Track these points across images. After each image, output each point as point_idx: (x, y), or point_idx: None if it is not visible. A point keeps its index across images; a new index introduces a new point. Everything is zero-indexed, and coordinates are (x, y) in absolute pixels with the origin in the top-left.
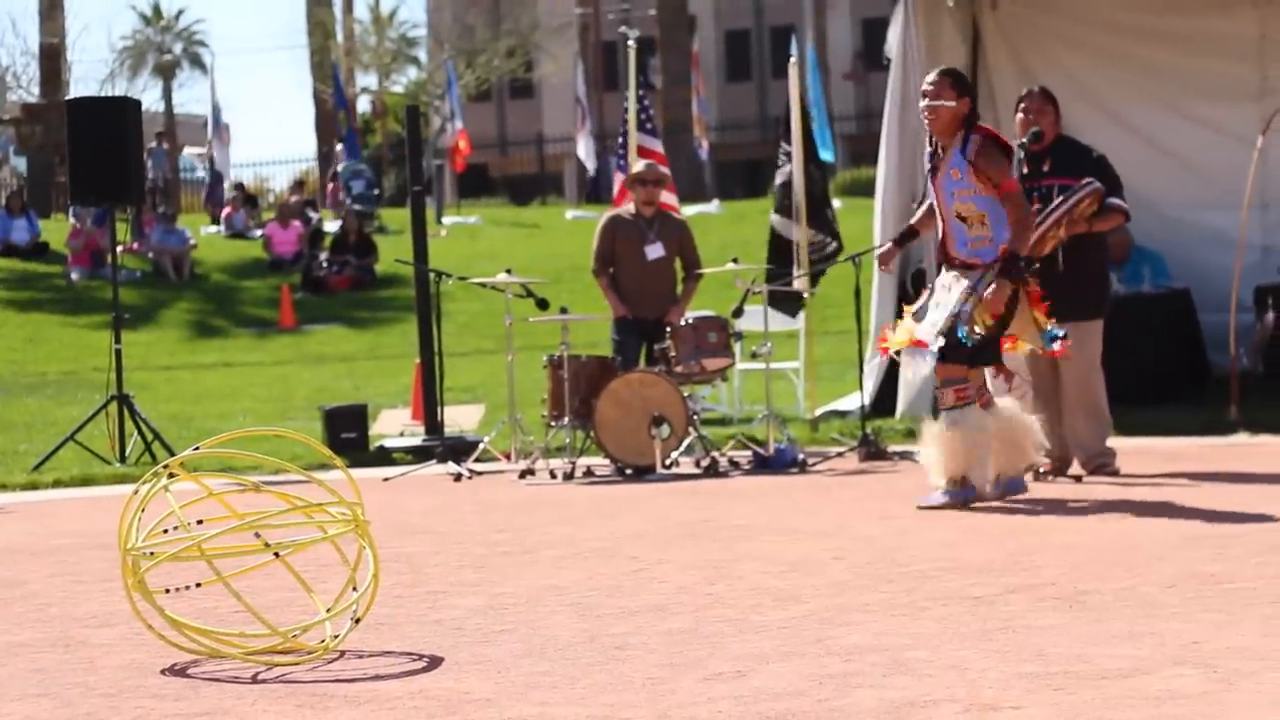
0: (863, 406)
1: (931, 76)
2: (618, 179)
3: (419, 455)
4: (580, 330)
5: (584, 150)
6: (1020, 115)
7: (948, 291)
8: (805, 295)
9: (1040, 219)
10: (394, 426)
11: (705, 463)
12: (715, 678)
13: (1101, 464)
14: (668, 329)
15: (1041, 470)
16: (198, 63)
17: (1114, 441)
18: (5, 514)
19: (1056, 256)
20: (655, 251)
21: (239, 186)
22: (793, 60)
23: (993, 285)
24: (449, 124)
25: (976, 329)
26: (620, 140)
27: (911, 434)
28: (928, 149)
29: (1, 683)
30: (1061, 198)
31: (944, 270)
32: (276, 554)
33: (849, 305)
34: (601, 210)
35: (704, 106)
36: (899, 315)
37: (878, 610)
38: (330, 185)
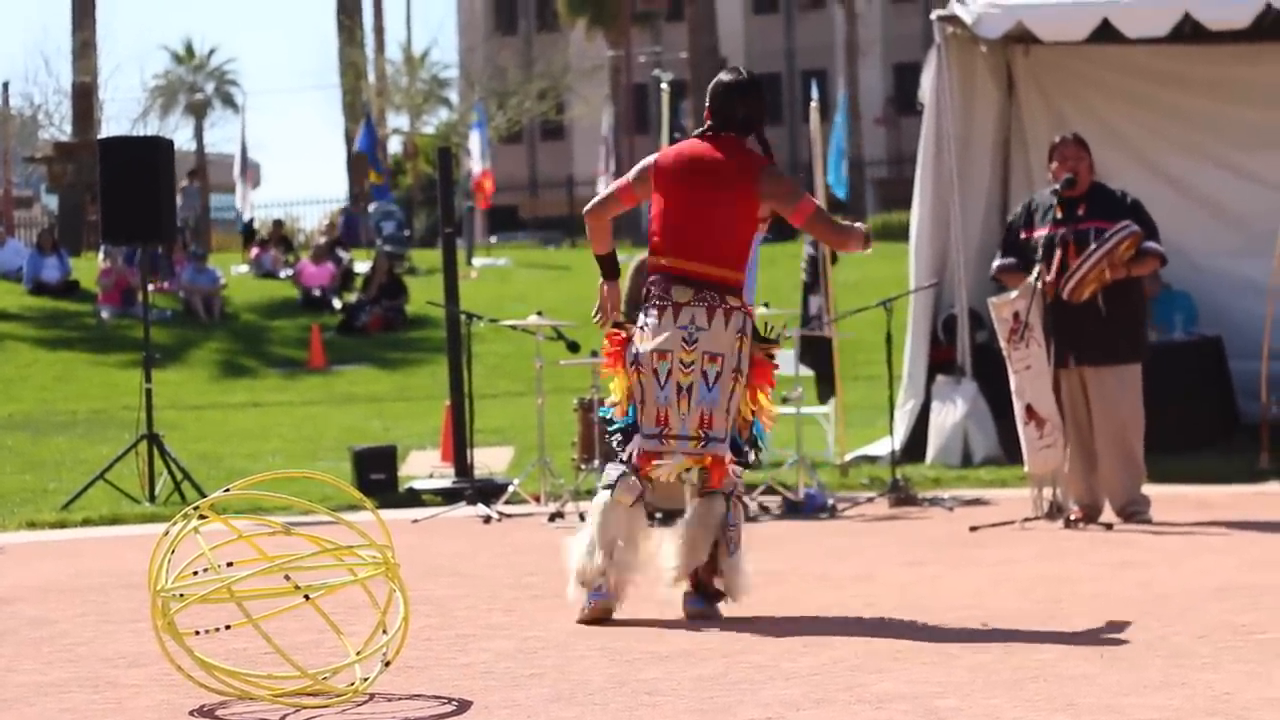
0: (893, 452)
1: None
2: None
3: (448, 497)
4: None
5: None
6: (1055, 163)
7: None
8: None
9: (1078, 264)
10: (423, 468)
11: None
12: None
13: (1135, 511)
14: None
15: (1072, 518)
16: (229, 102)
17: (1144, 489)
18: (5, 555)
19: (1096, 302)
20: None
21: (276, 224)
22: (814, 104)
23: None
24: (473, 163)
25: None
26: None
27: (939, 481)
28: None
29: None
30: (1098, 242)
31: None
32: (306, 596)
33: (879, 350)
34: (625, 251)
35: None
36: (931, 360)
37: (908, 657)
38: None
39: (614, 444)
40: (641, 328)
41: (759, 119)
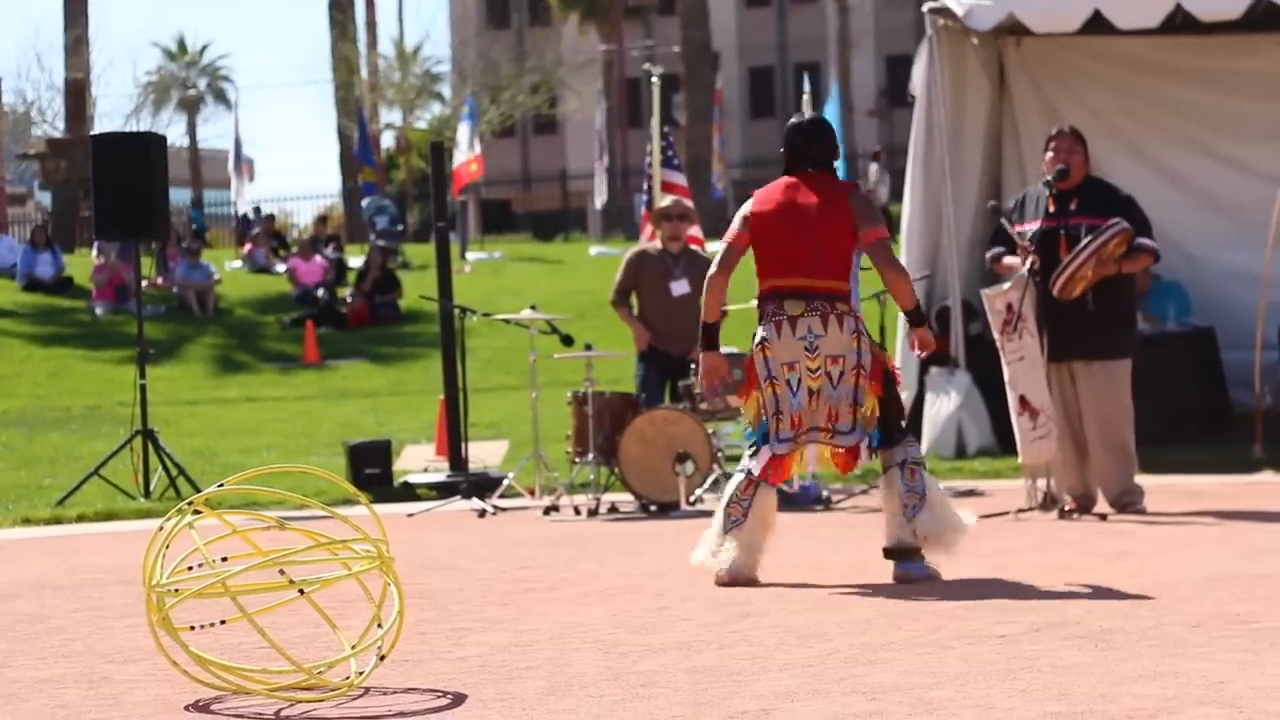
0: None
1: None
2: (645, 216)
3: (443, 491)
4: (604, 366)
5: (599, 185)
6: (1049, 155)
7: None
8: None
9: (1067, 260)
10: (418, 462)
11: None
12: (740, 716)
13: (1128, 502)
14: (692, 365)
15: (1066, 508)
16: (222, 98)
17: (1138, 480)
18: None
19: (1085, 297)
20: (680, 288)
21: (269, 219)
22: (805, 96)
23: None
24: (458, 153)
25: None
26: (647, 177)
27: (933, 472)
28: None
29: (26, 718)
30: (1089, 238)
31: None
32: (301, 591)
33: None
34: (620, 245)
35: (723, 144)
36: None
37: (903, 648)
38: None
39: (749, 454)
40: (763, 342)
41: (830, 155)
